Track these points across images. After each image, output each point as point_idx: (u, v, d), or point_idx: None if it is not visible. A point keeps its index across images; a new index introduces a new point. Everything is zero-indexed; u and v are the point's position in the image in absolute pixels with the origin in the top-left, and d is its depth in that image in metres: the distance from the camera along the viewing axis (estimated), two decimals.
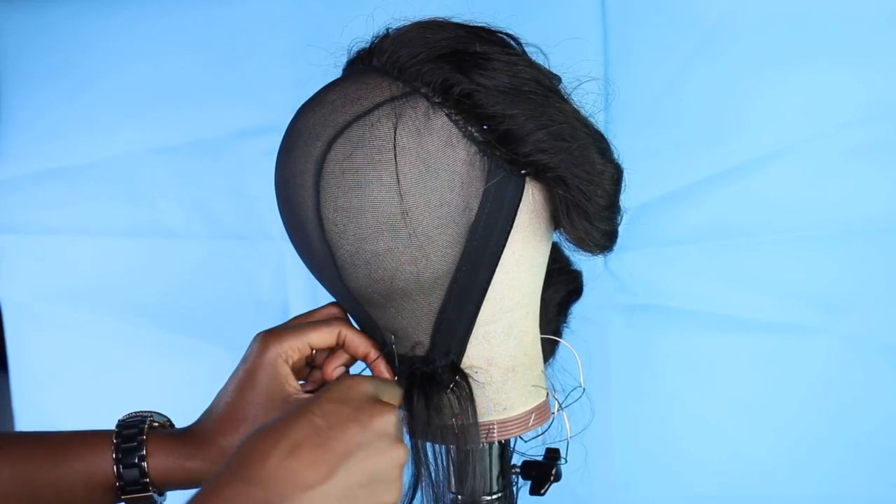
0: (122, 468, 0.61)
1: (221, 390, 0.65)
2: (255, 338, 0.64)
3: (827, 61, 0.86)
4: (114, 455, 0.62)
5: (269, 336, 0.63)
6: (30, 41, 1.27)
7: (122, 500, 0.62)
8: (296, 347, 0.62)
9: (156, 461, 0.62)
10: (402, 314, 0.59)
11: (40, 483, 0.61)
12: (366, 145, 0.55)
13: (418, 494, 0.62)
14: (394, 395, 0.57)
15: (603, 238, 0.62)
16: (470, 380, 0.60)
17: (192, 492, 0.49)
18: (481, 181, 0.56)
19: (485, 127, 0.55)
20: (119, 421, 0.65)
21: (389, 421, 0.52)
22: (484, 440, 0.62)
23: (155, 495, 0.63)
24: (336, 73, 0.63)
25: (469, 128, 0.56)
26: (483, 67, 0.55)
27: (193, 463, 0.62)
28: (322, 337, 0.63)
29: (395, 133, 0.55)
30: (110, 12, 1.20)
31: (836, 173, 0.87)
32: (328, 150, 0.56)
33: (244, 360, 0.63)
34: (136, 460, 0.61)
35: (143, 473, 0.61)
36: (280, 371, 0.62)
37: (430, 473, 0.61)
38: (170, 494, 0.65)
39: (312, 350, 0.64)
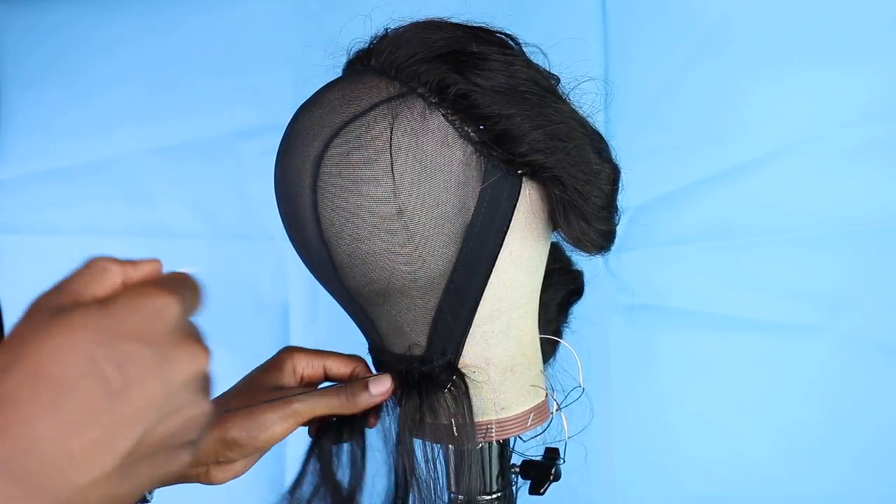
0: None
1: (231, 387, 0.65)
2: (279, 351, 0.66)
3: (827, 61, 0.86)
4: None
5: (291, 348, 0.65)
6: (30, 41, 1.27)
7: None
8: (311, 363, 0.64)
9: None
10: (399, 314, 0.59)
11: None
12: (362, 145, 0.55)
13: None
14: (197, 303, 0.41)
15: (600, 238, 0.62)
16: (467, 379, 0.60)
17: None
18: (478, 181, 0.56)
19: (481, 127, 0.55)
20: None
21: (202, 370, 0.39)
22: (482, 440, 0.62)
23: (146, 493, 0.62)
24: (335, 74, 0.63)
25: (465, 128, 0.56)
26: (480, 67, 0.55)
27: None
28: (339, 365, 0.65)
29: (391, 133, 0.55)
30: (110, 13, 1.20)
31: (837, 173, 0.87)
32: (325, 150, 0.56)
33: (261, 364, 0.65)
34: None
35: None
36: (285, 380, 0.63)
37: (421, 474, 0.61)
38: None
39: (325, 374, 0.65)
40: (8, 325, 1.37)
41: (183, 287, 0.40)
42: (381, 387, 0.61)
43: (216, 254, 1.19)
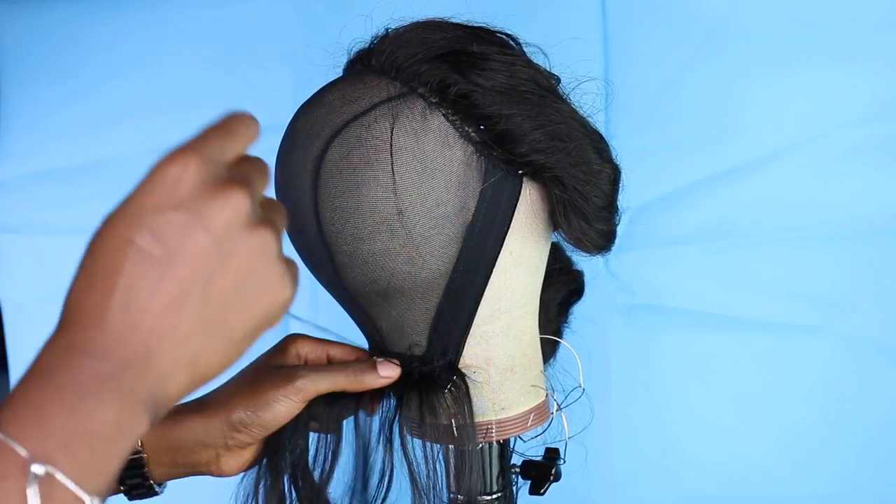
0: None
1: (237, 373, 0.64)
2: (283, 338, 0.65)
3: (827, 61, 0.86)
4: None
5: (296, 335, 0.65)
6: (30, 41, 1.27)
7: (121, 490, 0.61)
8: (315, 348, 0.64)
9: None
10: (400, 314, 0.59)
11: None
12: (362, 145, 0.55)
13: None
14: (242, 148, 0.42)
15: (600, 238, 0.62)
16: (468, 379, 0.60)
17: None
18: (478, 181, 0.56)
19: (482, 127, 0.55)
20: None
21: (239, 203, 0.39)
22: (482, 440, 0.62)
23: (156, 486, 0.62)
24: (335, 74, 0.63)
25: (466, 128, 0.56)
26: (480, 67, 0.55)
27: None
28: (343, 353, 0.64)
29: (391, 133, 0.55)
30: (110, 12, 1.20)
31: (837, 173, 0.87)
32: (325, 150, 0.56)
33: (266, 351, 0.64)
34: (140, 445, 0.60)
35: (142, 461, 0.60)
36: (290, 363, 0.63)
37: (419, 473, 0.61)
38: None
39: (328, 360, 0.65)
40: (8, 325, 1.37)
41: (206, 142, 0.40)
42: (390, 370, 0.60)
43: None
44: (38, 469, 0.33)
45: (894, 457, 0.88)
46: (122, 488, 0.61)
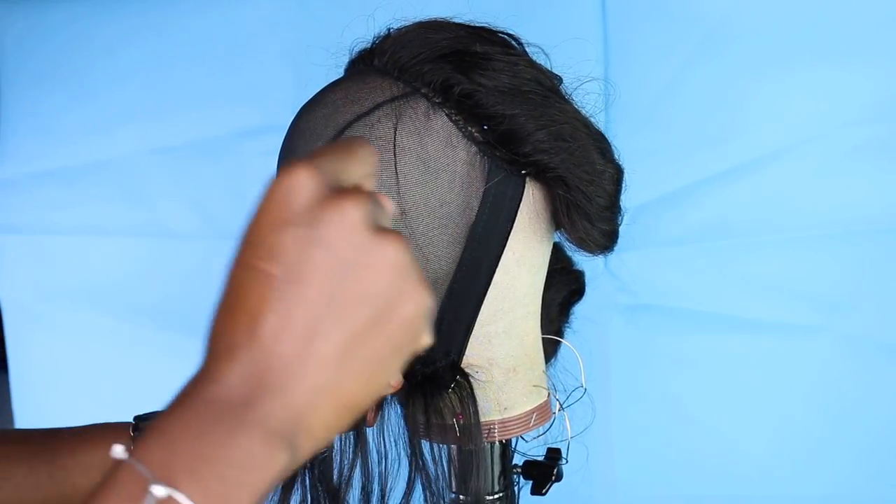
0: None
1: None
2: None
3: (827, 61, 0.86)
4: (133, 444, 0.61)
5: None
6: (31, 42, 1.27)
7: None
8: None
9: None
10: None
11: (60, 474, 0.61)
12: None
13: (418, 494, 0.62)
14: (359, 159, 0.39)
15: (603, 238, 0.62)
16: (471, 379, 0.60)
17: None
18: (481, 181, 0.56)
19: (485, 127, 0.55)
20: (135, 416, 0.65)
21: (355, 211, 0.36)
22: (485, 440, 0.62)
23: None
24: (337, 74, 0.63)
25: (469, 128, 0.56)
26: (483, 68, 0.55)
27: None
28: None
29: (395, 133, 0.55)
30: (111, 13, 1.20)
31: (837, 173, 0.87)
32: None
33: None
34: None
35: None
36: None
37: (427, 473, 0.61)
38: None
39: None
40: (8, 325, 1.37)
41: (319, 157, 0.37)
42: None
43: (216, 254, 1.19)
44: (158, 491, 0.32)
45: (894, 457, 0.88)
46: None
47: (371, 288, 0.36)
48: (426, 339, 0.39)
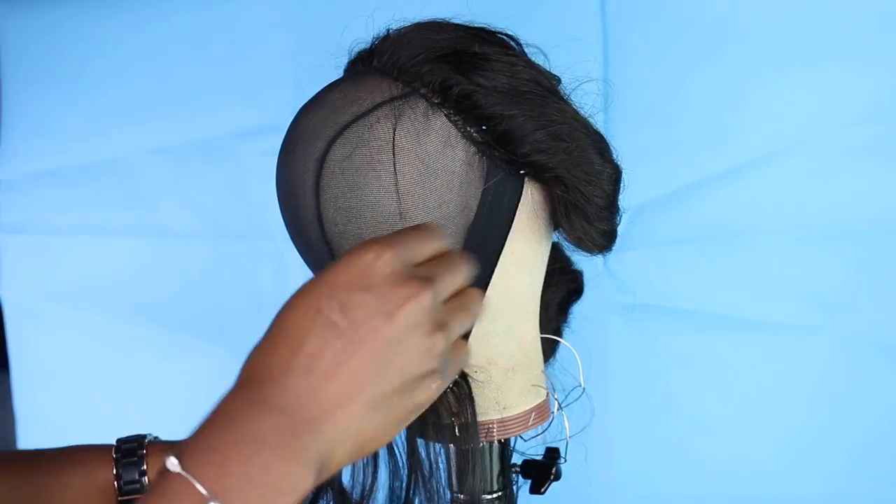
0: (124, 483, 0.61)
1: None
2: None
3: (826, 61, 0.86)
4: (115, 470, 0.61)
5: None
6: (30, 41, 1.27)
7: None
8: None
9: (157, 472, 0.61)
10: None
11: (41, 495, 0.61)
12: (365, 146, 0.55)
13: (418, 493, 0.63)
14: (432, 253, 0.46)
15: (602, 238, 0.62)
16: (469, 379, 0.60)
17: None
18: (480, 182, 0.56)
19: (484, 127, 0.56)
20: (118, 438, 0.65)
21: (423, 305, 0.43)
22: (483, 439, 0.62)
23: None
24: (337, 74, 0.64)
25: (468, 128, 0.56)
26: (482, 68, 0.56)
27: None
28: None
29: (394, 134, 0.55)
30: (111, 12, 1.20)
31: (837, 173, 0.87)
32: (328, 150, 0.56)
33: None
34: (137, 476, 0.61)
35: (144, 488, 0.61)
36: None
37: (424, 472, 0.62)
38: None
39: None
40: (8, 325, 1.37)
41: (401, 240, 0.44)
42: None
43: (216, 254, 1.19)
44: None
45: (894, 457, 0.88)
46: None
47: (411, 366, 0.43)
48: (419, 412, 0.46)
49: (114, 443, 0.64)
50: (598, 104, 0.64)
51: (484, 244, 0.57)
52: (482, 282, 0.58)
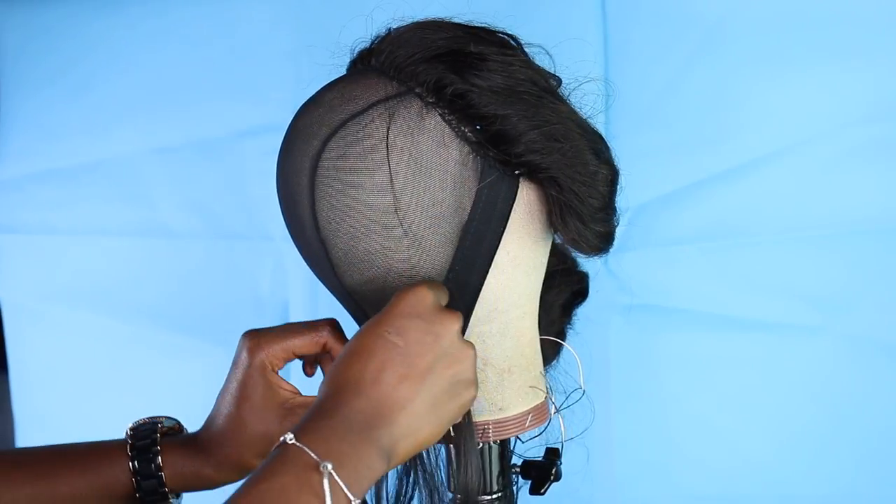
0: (141, 479, 0.63)
1: (220, 398, 0.65)
2: (241, 340, 0.65)
3: (827, 61, 0.86)
4: (130, 467, 0.63)
5: (253, 344, 0.64)
6: (30, 41, 1.27)
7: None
8: (280, 356, 0.64)
9: (172, 470, 0.64)
10: None
11: (60, 499, 0.62)
12: (359, 144, 0.55)
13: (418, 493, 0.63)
14: (446, 297, 0.58)
15: (597, 240, 0.62)
16: None
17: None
18: (474, 181, 0.56)
19: (478, 127, 0.56)
20: (130, 430, 0.66)
21: (456, 326, 0.55)
22: (479, 440, 0.62)
23: (173, 500, 0.65)
24: (336, 74, 0.63)
25: (462, 128, 0.56)
26: (478, 68, 0.55)
27: (208, 470, 0.64)
28: (305, 345, 0.65)
29: (388, 132, 0.55)
30: (110, 12, 1.20)
31: (837, 173, 0.87)
32: (323, 148, 0.56)
33: (234, 366, 0.65)
34: (153, 470, 0.63)
35: (162, 483, 0.63)
36: (270, 380, 0.64)
37: (423, 470, 0.62)
38: None
39: (296, 356, 0.65)
40: (8, 325, 1.37)
41: (434, 286, 0.56)
42: None
43: (216, 254, 1.19)
44: (328, 466, 0.47)
45: (894, 457, 0.88)
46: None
47: (455, 373, 0.54)
48: (464, 412, 0.58)
49: (125, 434, 0.65)
50: (598, 104, 0.64)
51: (478, 244, 0.57)
52: (477, 282, 0.58)
